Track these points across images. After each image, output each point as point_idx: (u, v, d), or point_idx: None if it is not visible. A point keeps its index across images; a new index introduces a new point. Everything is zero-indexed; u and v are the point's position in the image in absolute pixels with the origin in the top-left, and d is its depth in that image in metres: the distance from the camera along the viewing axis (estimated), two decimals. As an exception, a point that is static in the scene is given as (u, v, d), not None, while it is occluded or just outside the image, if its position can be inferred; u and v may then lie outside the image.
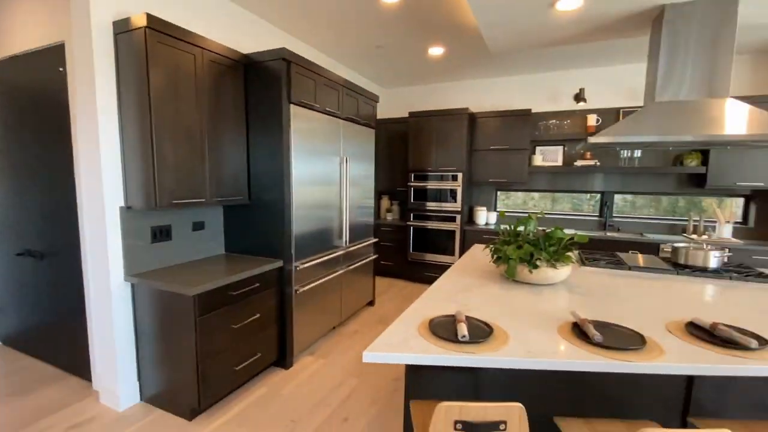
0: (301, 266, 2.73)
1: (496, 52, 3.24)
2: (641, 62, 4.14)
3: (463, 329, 1.29)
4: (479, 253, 2.82)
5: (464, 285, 1.97)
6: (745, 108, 2.04)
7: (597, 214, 4.54)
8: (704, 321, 1.39)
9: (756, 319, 1.54)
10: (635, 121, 2.14)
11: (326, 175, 3.00)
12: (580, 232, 4.12)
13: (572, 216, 4.66)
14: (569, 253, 2.00)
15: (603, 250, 3.93)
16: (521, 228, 2.13)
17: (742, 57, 3.81)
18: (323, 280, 3.00)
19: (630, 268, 2.33)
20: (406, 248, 4.95)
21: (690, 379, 1.42)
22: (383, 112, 5.60)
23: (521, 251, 1.96)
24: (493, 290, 1.89)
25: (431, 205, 4.72)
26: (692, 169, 3.81)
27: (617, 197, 4.51)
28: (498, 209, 5.10)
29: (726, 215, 3.81)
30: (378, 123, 5.25)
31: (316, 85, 2.81)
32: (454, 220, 4.61)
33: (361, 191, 3.62)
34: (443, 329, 1.36)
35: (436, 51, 3.85)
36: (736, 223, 4.00)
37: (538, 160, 4.47)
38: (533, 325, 1.45)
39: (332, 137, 3.06)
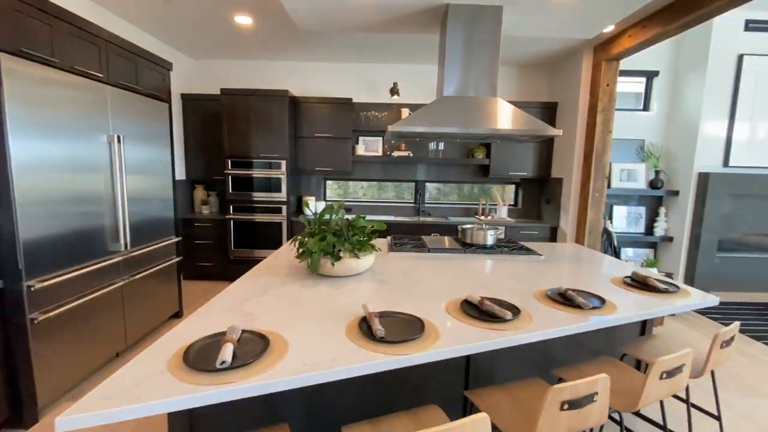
0: (42, 284, 1.96)
1: (304, 29, 3.04)
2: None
3: (226, 352, 1.02)
4: (287, 248, 2.60)
5: (261, 287, 1.71)
6: (510, 107, 2.39)
7: (413, 201, 4.95)
8: (475, 297, 1.50)
9: (514, 288, 1.78)
10: (426, 113, 2.27)
11: (83, 159, 2.24)
12: (397, 218, 4.42)
13: (395, 203, 4.95)
14: (372, 242, 1.96)
15: (415, 234, 4.28)
16: (328, 216, 1.99)
17: (510, 68, 4.68)
18: (88, 297, 2.27)
19: (429, 251, 2.49)
20: (227, 245, 4.37)
21: (468, 357, 1.52)
22: (195, 86, 4.77)
23: (324, 243, 1.81)
24: (293, 289, 1.69)
25: (254, 196, 4.27)
26: (480, 161, 4.51)
27: (430, 185, 5.02)
28: (328, 199, 5.02)
29: (505, 199, 4.66)
30: (187, 99, 4.43)
31: (55, 31, 2.03)
32: (281, 212, 4.30)
33: (152, 180, 2.92)
34: (202, 357, 1.06)
35: (243, 20, 3.39)
36: (511, 205, 4.96)
37: (360, 149, 4.55)
38: (323, 326, 1.29)
39: (93, 109, 2.30)
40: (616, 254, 4.04)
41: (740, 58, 4.08)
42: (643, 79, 4.68)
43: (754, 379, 2.52)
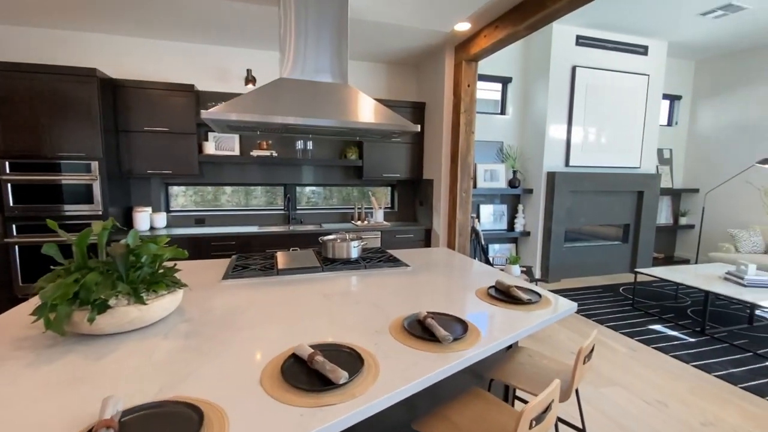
0: None
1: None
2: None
3: None
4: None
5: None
6: (365, 98, 2.04)
7: (283, 208, 4.36)
8: (304, 351, 1.06)
9: (369, 319, 1.40)
10: (256, 97, 1.75)
11: None
12: (262, 229, 3.79)
13: (263, 211, 4.29)
14: (176, 275, 1.37)
15: (286, 246, 3.73)
16: (95, 239, 1.32)
17: (378, 65, 4.47)
18: None
19: (279, 273, 1.99)
20: (12, 280, 3.14)
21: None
22: (-54, 57, 3.34)
23: (74, 287, 1.16)
24: (13, 369, 1.00)
25: (50, 209, 3.14)
26: (353, 162, 4.17)
27: (306, 190, 4.50)
28: (173, 209, 4.09)
29: (380, 202, 4.42)
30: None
31: None
32: (98, 229, 3.25)
33: None
34: None
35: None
36: (387, 208, 4.76)
37: (210, 147, 3.78)
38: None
39: None
40: (484, 252, 4.14)
41: (574, 69, 4.58)
42: (500, 85, 4.97)
43: (606, 368, 2.67)
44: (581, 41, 4.55)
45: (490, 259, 4.90)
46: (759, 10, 3.88)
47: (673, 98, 5.82)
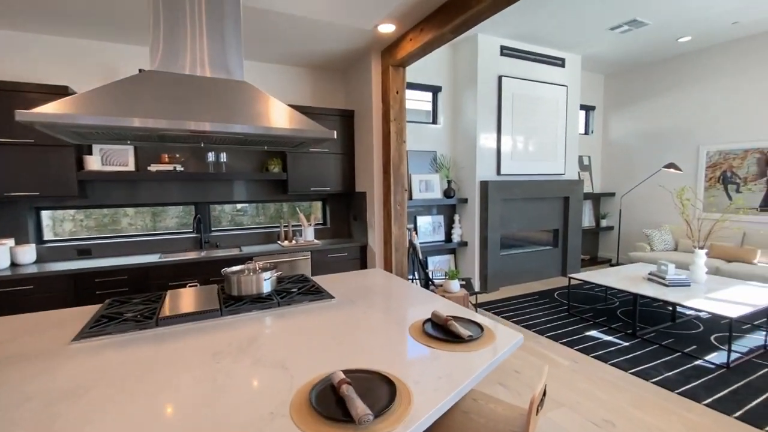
0: None
1: None
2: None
3: None
4: None
5: None
6: (268, 99, 1.68)
7: (194, 231, 3.78)
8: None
9: (262, 395, 1.03)
10: (106, 95, 1.31)
11: None
12: (165, 258, 3.18)
13: (172, 235, 3.67)
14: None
15: (194, 276, 3.18)
16: None
17: (301, 69, 4.12)
18: None
19: (158, 323, 1.53)
20: None
21: None
22: None
23: None
24: None
25: None
26: (276, 176, 3.75)
27: (226, 208, 3.96)
28: (47, 238, 3.32)
29: (310, 218, 4.03)
30: None
31: None
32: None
33: None
34: None
35: None
36: (319, 225, 4.38)
37: (94, 163, 3.12)
38: None
39: None
40: (423, 267, 3.92)
41: (500, 79, 4.62)
42: (430, 94, 4.87)
43: (551, 386, 2.53)
44: (505, 51, 4.62)
45: (429, 273, 4.72)
46: (658, 26, 4.21)
47: (588, 108, 6.21)
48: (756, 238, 4.40)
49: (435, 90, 4.81)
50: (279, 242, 3.91)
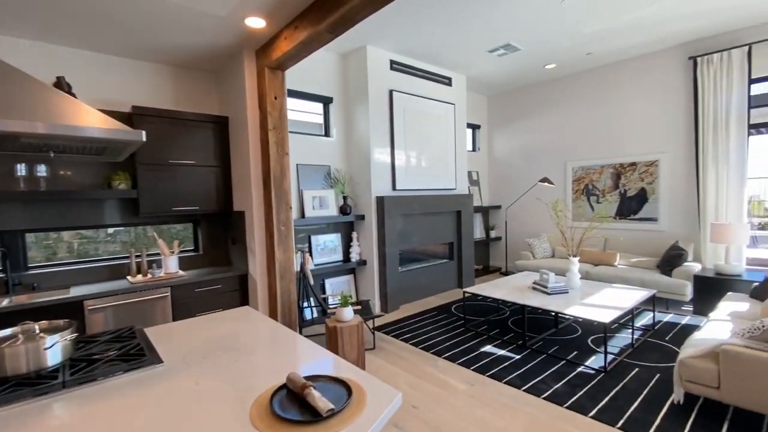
0: None
1: None
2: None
3: None
4: None
5: None
6: (43, 86, 1.14)
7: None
8: None
9: None
10: None
11: None
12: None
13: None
14: None
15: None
16: None
17: (161, 66, 3.45)
18: None
19: None
20: None
21: None
22: None
23: None
24: None
25: None
26: (122, 193, 3.00)
27: (51, 236, 3.01)
28: None
29: (173, 245, 3.31)
30: None
31: None
32: None
33: None
34: None
35: None
36: (189, 251, 3.66)
37: None
38: None
39: None
40: (315, 295, 3.51)
41: (391, 93, 4.53)
42: (321, 105, 4.57)
43: (446, 417, 2.32)
44: (395, 66, 4.56)
45: (329, 298, 4.33)
46: (529, 51, 4.57)
47: (474, 127, 6.57)
48: (615, 243, 5.00)
49: (326, 101, 4.51)
50: (129, 277, 3.12)
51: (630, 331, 3.51)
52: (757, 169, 5.03)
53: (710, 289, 3.88)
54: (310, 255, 4.27)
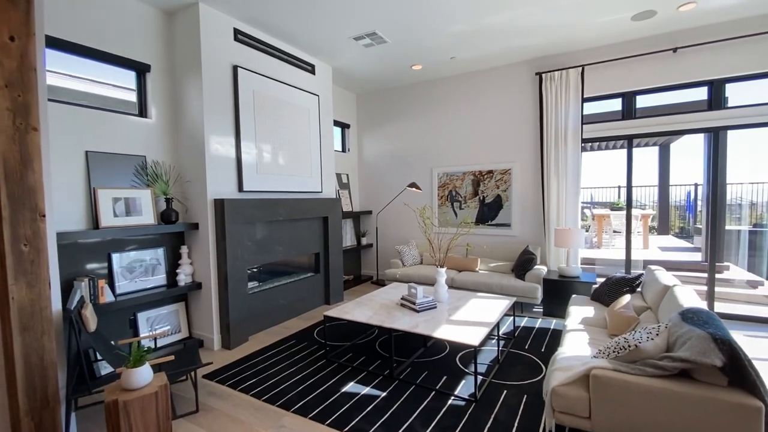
0: None
1: None
2: None
3: None
4: None
5: None
6: None
7: None
8: None
9: None
10: None
11: None
12: None
13: None
14: None
15: None
16: None
17: None
18: None
19: None
20: None
21: None
22: None
23: None
24: None
25: None
26: None
27: None
28: None
29: None
30: None
31: None
32: None
33: None
34: None
35: None
36: None
37: None
38: None
39: None
40: (102, 349, 2.37)
41: (235, 69, 3.61)
42: (133, 74, 3.36)
43: None
44: (240, 37, 3.66)
45: (143, 342, 3.13)
46: (396, 46, 4.23)
47: (344, 126, 6.06)
48: (476, 249, 5.06)
49: (141, 68, 3.33)
50: None
51: (495, 341, 3.39)
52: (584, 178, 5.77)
53: (556, 292, 4.11)
54: (110, 282, 3.03)
